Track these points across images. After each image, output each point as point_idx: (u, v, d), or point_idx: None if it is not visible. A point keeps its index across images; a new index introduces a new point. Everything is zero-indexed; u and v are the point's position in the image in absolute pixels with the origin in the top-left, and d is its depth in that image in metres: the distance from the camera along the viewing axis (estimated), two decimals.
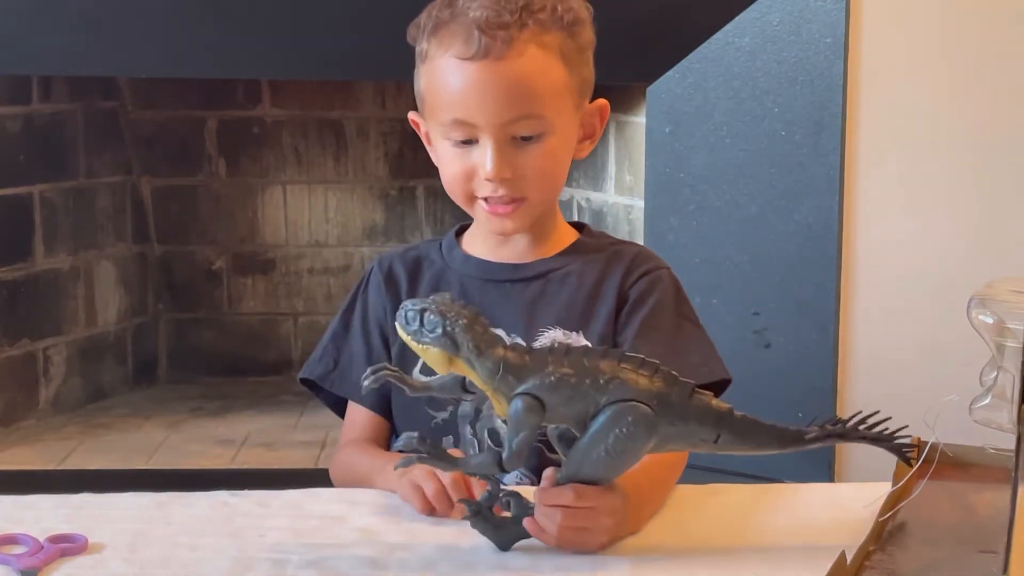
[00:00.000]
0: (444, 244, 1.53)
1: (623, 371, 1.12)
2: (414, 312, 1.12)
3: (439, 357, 1.11)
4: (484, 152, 1.38)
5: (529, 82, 1.37)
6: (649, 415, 1.11)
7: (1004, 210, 2.54)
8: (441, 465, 1.15)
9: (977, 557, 1.12)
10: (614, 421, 1.11)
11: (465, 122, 1.38)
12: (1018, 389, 1.02)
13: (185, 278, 3.37)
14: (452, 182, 1.43)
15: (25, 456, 2.82)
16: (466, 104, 1.38)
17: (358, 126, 3.30)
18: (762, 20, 2.54)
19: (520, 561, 1.16)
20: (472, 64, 1.36)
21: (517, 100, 1.37)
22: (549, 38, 1.38)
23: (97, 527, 1.23)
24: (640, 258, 1.50)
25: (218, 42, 2.62)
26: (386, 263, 1.53)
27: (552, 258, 1.48)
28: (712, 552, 1.19)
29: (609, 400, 1.11)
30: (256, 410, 3.14)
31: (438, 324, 1.10)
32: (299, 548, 1.20)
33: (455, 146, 1.41)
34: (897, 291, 2.57)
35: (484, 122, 1.37)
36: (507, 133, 1.38)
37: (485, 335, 1.11)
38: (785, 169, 2.56)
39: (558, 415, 1.12)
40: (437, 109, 1.41)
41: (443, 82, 1.39)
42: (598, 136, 1.50)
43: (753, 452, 1.18)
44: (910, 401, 1.19)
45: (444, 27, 1.39)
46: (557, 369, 1.11)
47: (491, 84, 1.37)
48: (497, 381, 1.11)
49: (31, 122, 2.95)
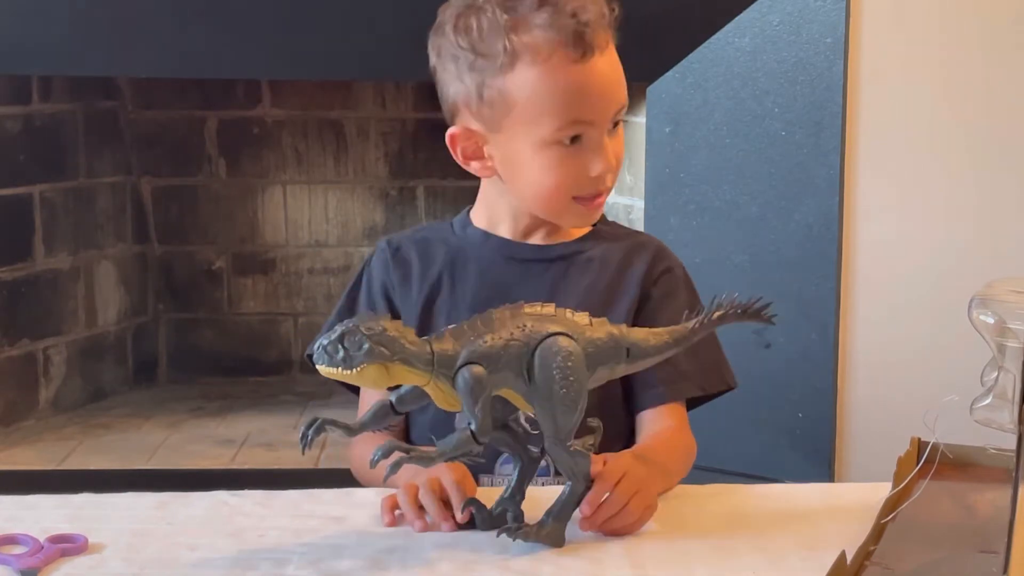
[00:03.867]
0: (457, 224, 1.52)
1: (533, 316, 1.17)
2: (332, 344, 1.11)
3: (376, 372, 1.11)
4: (596, 147, 1.39)
5: (620, 71, 1.41)
6: (570, 343, 1.16)
7: (1004, 210, 2.54)
8: (422, 462, 1.16)
9: (977, 557, 1.12)
10: (547, 358, 1.15)
11: (581, 120, 1.38)
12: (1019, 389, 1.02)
13: (185, 278, 3.37)
14: (558, 188, 1.41)
15: (25, 456, 2.83)
16: (587, 102, 1.37)
17: (358, 126, 3.30)
18: (762, 20, 2.54)
19: (520, 561, 1.16)
20: (586, 64, 1.36)
21: (621, 89, 1.41)
22: (607, 18, 1.41)
23: (97, 527, 1.23)
24: (661, 254, 1.51)
25: (218, 42, 2.62)
26: (395, 243, 1.52)
27: (574, 242, 1.49)
28: (712, 551, 1.19)
29: (534, 343, 1.15)
30: (256, 410, 3.14)
31: (363, 340, 1.10)
32: (299, 548, 1.20)
33: (561, 148, 1.39)
34: (897, 291, 2.57)
35: (600, 117, 1.39)
36: (611, 123, 1.40)
37: (406, 331, 1.13)
38: (785, 169, 2.56)
39: (499, 377, 1.15)
40: (547, 114, 1.37)
41: (558, 87, 1.36)
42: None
43: (659, 356, 1.23)
44: (910, 401, 1.20)
45: (528, 28, 1.36)
46: (481, 335, 1.14)
47: (605, 78, 1.38)
48: (436, 368, 1.13)
49: (31, 122, 2.95)
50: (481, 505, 1.23)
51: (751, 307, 1.27)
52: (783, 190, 2.57)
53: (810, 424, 2.58)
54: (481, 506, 1.23)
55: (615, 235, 1.53)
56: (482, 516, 1.23)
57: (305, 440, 1.17)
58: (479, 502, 1.24)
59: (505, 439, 1.22)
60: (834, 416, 2.58)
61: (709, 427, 1.52)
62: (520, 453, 1.23)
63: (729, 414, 2.52)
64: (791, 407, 2.59)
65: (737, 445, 2.55)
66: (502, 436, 1.22)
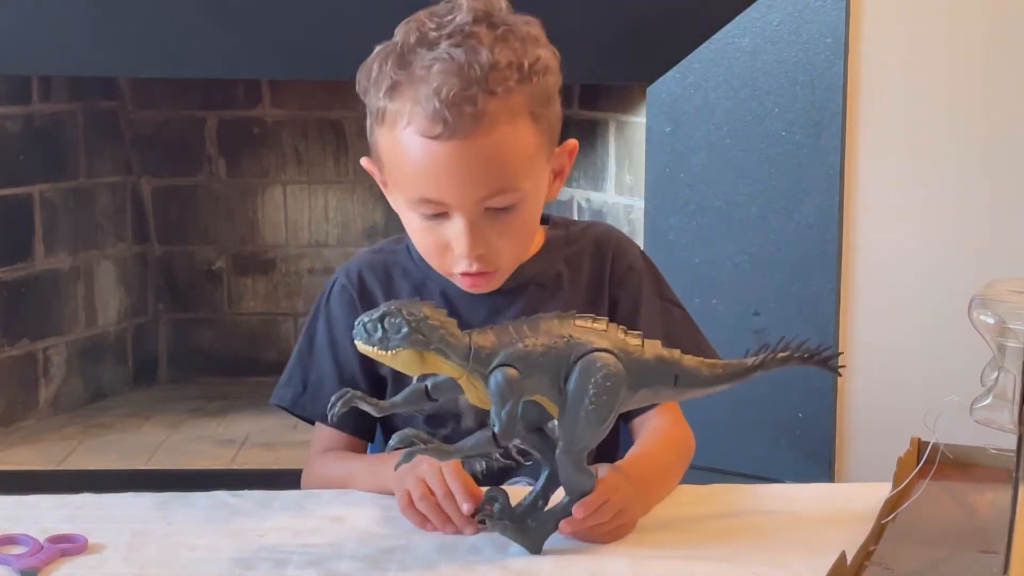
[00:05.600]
0: (413, 250, 1.45)
1: (582, 328, 1.15)
2: (373, 322, 1.11)
3: (410, 357, 1.11)
4: (457, 230, 1.31)
5: (501, 157, 1.29)
6: (614, 361, 1.15)
7: (1004, 210, 2.54)
8: (440, 455, 1.15)
9: (977, 557, 1.12)
10: (586, 373, 1.14)
11: (434, 200, 1.31)
12: (1019, 389, 1.02)
13: (185, 278, 3.37)
14: (425, 254, 1.38)
15: (25, 456, 2.82)
16: (436, 184, 1.29)
17: (358, 126, 3.27)
18: (762, 20, 2.54)
19: (520, 561, 1.16)
20: (440, 144, 1.27)
21: (490, 177, 1.29)
22: (517, 99, 1.28)
23: (97, 527, 1.23)
24: (618, 253, 1.46)
25: (218, 42, 2.62)
26: (354, 275, 1.46)
27: (532, 261, 1.43)
28: (712, 552, 1.19)
29: (576, 356, 1.14)
30: (256, 410, 3.14)
31: (403, 324, 1.10)
32: (299, 548, 1.20)
33: (424, 220, 1.34)
34: (897, 291, 2.57)
35: (456, 201, 1.30)
36: (480, 208, 1.31)
37: (447, 322, 1.12)
38: (785, 169, 2.56)
39: (534, 383, 1.14)
40: (402, 182, 1.33)
41: (408, 158, 1.30)
42: (567, 173, 1.43)
43: (708, 390, 1.20)
44: (910, 401, 1.19)
45: (402, 92, 1.29)
46: (523, 338, 1.13)
47: (462, 164, 1.28)
48: (471, 364, 1.12)
49: (31, 122, 2.95)
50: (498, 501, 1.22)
51: (819, 354, 1.23)
52: (783, 190, 2.57)
53: (810, 424, 2.58)
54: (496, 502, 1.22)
55: (568, 239, 1.46)
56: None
57: (335, 410, 1.15)
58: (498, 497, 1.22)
59: (536, 443, 1.21)
60: (834, 416, 2.58)
61: (709, 427, 1.53)
62: (550, 459, 1.20)
63: (729, 414, 2.53)
64: (791, 407, 2.59)
65: (737, 445, 2.55)
66: (534, 439, 1.20)
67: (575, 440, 1.15)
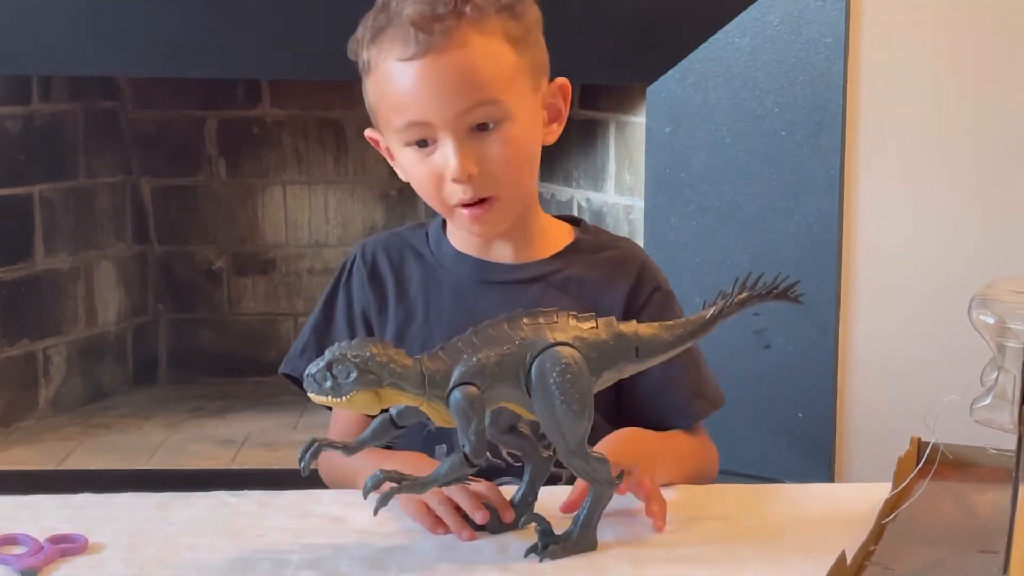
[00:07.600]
0: (431, 236, 1.48)
1: (530, 327, 1.13)
2: (321, 372, 1.10)
3: (366, 398, 1.10)
4: (445, 151, 1.34)
5: (476, 69, 1.33)
6: (569, 352, 1.13)
7: (1005, 210, 2.54)
8: (416, 490, 1.15)
9: (977, 557, 1.12)
10: (543, 375, 1.12)
11: (419, 122, 1.34)
12: (1019, 389, 1.02)
13: (185, 278, 3.37)
14: (424, 191, 1.40)
15: (25, 456, 2.82)
16: (417, 104, 1.33)
17: (358, 126, 3.28)
18: (762, 20, 2.54)
19: (519, 562, 1.16)
20: (415, 63, 1.32)
21: (466, 89, 1.32)
22: (490, 24, 1.33)
23: (97, 527, 1.23)
24: (646, 272, 1.47)
25: (218, 42, 2.62)
26: (369, 255, 1.49)
27: (550, 259, 1.45)
28: (712, 552, 1.19)
29: (532, 357, 1.12)
30: (256, 410, 3.14)
31: (350, 367, 1.09)
32: (299, 548, 1.20)
33: (415, 150, 1.37)
34: (897, 291, 2.58)
35: (438, 118, 1.33)
36: (464, 125, 1.34)
37: (396, 354, 1.11)
38: (785, 169, 2.56)
39: (497, 393, 1.12)
40: (390, 116, 1.37)
41: (390, 88, 1.35)
42: (565, 117, 1.44)
43: (672, 351, 1.19)
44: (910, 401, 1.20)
45: (382, 33, 1.35)
46: (476, 352, 1.12)
47: (437, 78, 1.32)
48: (428, 390, 1.11)
49: (31, 122, 2.95)
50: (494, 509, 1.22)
51: (776, 287, 1.21)
52: (783, 190, 2.57)
53: (810, 424, 2.58)
54: (494, 510, 1.22)
55: (595, 246, 1.48)
56: (495, 520, 1.22)
57: (304, 462, 1.15)
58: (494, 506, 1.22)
59: (515, 442, 1.21)
60: (834, 416, 2.58)
61: (709, 427, 1.53)
62: (531, 454, 1.21)
63: (729, 414, 2.52)
64: (791, 407, 2.59)
65: (737, 445, 2.55)
66: (512, 439, 1.20)
67: (567, 439, 1.14)
